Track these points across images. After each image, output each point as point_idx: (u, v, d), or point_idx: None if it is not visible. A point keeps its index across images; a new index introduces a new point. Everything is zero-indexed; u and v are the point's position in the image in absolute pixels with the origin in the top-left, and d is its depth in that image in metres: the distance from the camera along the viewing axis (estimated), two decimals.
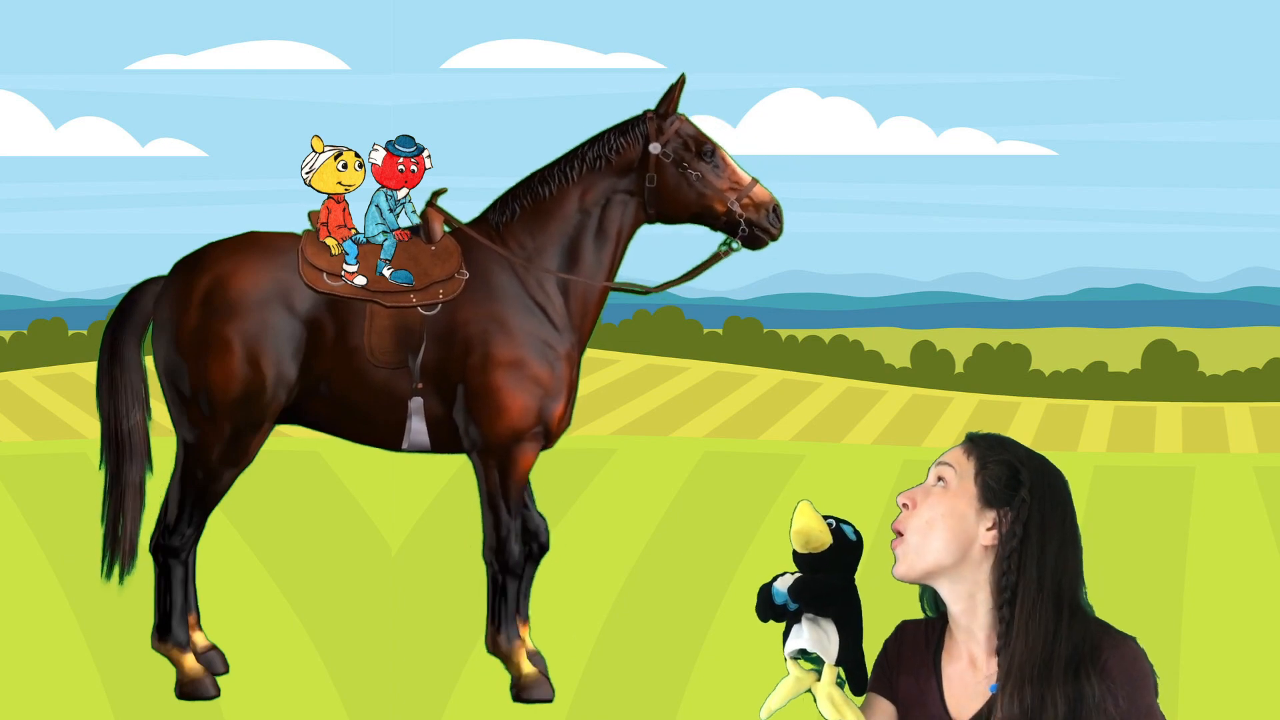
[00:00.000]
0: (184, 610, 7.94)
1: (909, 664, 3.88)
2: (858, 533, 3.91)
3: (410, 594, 9.50)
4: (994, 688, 3.76)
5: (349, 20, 16.90)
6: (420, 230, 8.01)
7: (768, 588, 3.91)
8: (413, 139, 8.01)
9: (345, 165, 7.97)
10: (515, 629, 7.92)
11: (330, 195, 7.98)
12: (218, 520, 8.16)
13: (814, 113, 18.02)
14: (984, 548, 3.79)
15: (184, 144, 17.34)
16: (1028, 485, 3.77)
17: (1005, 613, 3.75)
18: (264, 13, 17.11)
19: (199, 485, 7.88)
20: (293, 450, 11.75)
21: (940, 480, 3.81)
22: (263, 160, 16.60)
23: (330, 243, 7.93)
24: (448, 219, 8.03)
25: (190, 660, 7.92)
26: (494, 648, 7.95)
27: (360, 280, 7.90)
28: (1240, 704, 8.04)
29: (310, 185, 7.98)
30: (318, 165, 7.96)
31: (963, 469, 3.81)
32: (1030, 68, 17.61)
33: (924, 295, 18.62)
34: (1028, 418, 17.92)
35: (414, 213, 8.03)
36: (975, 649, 3.82)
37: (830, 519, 3.91)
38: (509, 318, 7.92)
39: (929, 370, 19.13)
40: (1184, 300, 18.62)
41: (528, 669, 7.89)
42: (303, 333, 7.86)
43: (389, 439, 7.98)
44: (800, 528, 3.87)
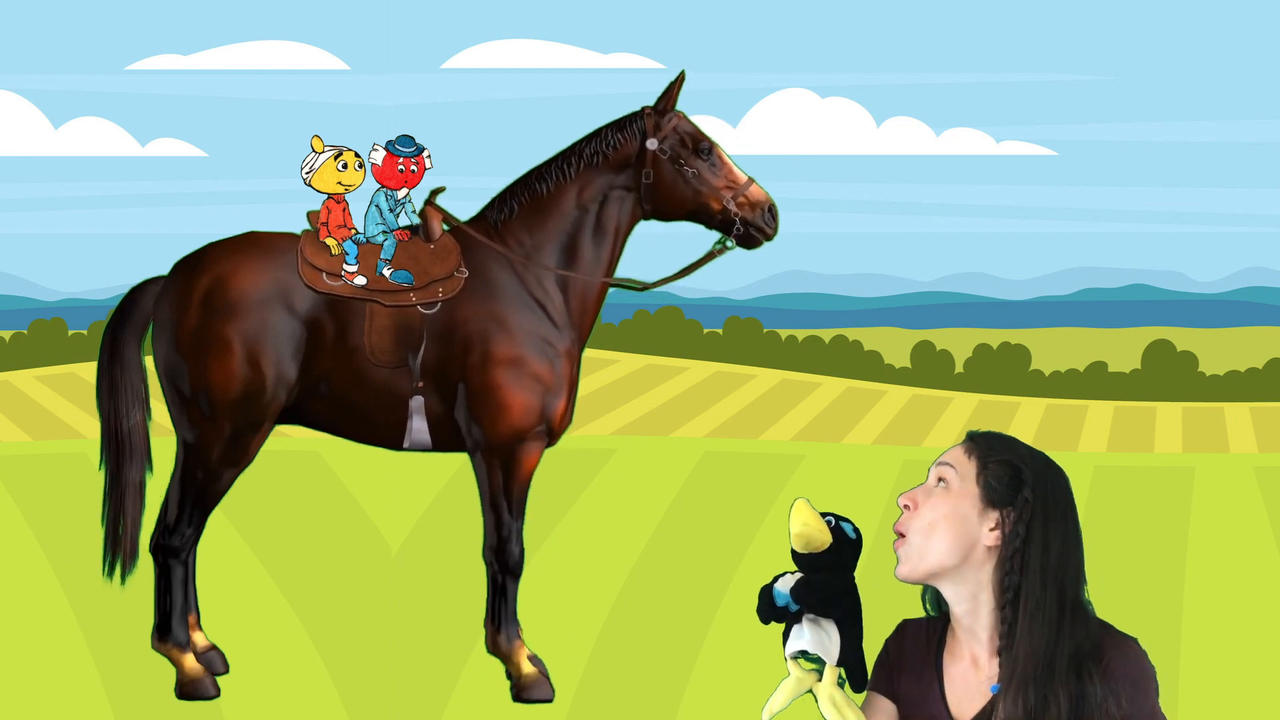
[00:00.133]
0: (184, 610, 7.94)
1: (910, 663, 3.87)
2: (857, 530, 3.90)
3: (410, 594, 9.49)
4: (995, 688, 3.76)
5: (349, 20, 16.90)
6: (419, 229, 8.01)
7: (769, 589, 3.89)
8: (413, 139, 8.00)
9: (345, 165, 7.96)
10: (515, 629, 7.91)
11: (330, 195, 7.97)
12: (218, 520, 8.15)
13: (814, 113, 18.01)
14: (987, 548, 3.77)
15: (184, 144, 17.35)
16: (1030, 485, 3.76)
17: (1008, 613, 3.74)
18: (264, 13, 17.11)
19: (199, 485, 7.88)
20: (293, 450, 11.75)
21: (941, 481, 3.80)
22: (263, 160, 16.60)
23: (330, 243, 7.93)
24: (446, 218, 8.03)
25: (190, 660, 7.92)
26: (494, 648, 7.95)
27: (360, 280, 7.89)
28: (1240, 704, 8.04)
29: (310, 185, 7.98)
30: (318, 165, 7.95)
31: (964, 469, 3.79)
32: (1030, 68, 17.61)
33: (924, 295, 18.61)
34: (1028, 418, 17.91)
35: (414, 213, 8.03)
36: (978, 649, 3.81)
37: (829, 516, 3.89)
38: (508, 316, 7.92)
39: (929, 370, 19.12)
40: (1184, 300, 18.61)
41: (528, 669, 7.89)
42: (303, 333, 7.86)
43: (390, 438, 7.97)
44: (799, 530, 3.86)
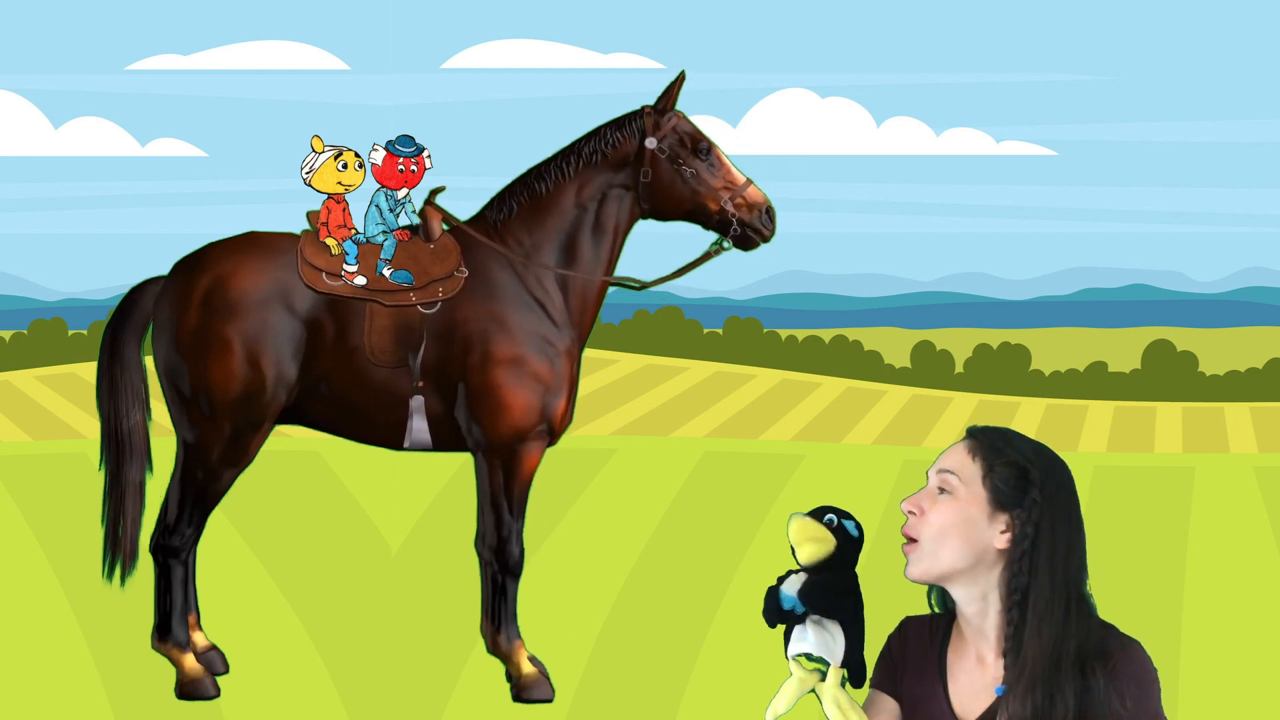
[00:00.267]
0: (184, 610, 7.94)
1: (913, 661, 3.86)
2: (859, 527, 3.89)
3: (410, 594, 9.49)
4: (1000, 690, 3.74)
5: (349, 20, 16.90)
6: (419, 229, 8.01)
7: (775, 592, 3.87)
8: (413, 139, 8.00)
9: (345, 165, 7.96)
10: (515, 629, 7.92)
11: (330, 195, 7.97)
12: (218, 520, 8.15)
13: (814, 113, 18.01)
14: (998, 550, 3.76)
15: (184, 144, 17.35)
16: (1038, 485, 3.74)
17: (1014, 615, 3.72)
18: (264, 13, 17.11)
19: (199, 485, 7.88)
20: (293, 450, 11.75)
21: (944, 489, 3.77)
22: (263, 160, 16.60)
23: (330, 243, 7.93)
24: (446, 217, 8.03)
25: (190, 660, 7.92)
26: (494, 648, 7.95)
27: (360, 280, 7.89)
28: (1240, 704, 8.04)
29: (310, 185, 7.98)
30: (318, 165, 7.95)
31: (969, 474, 3.77)
32: (1030, 68, 17.61)
33: (924, 295, 18.61)
34: (1028, 418, 17.91)
35: (414, 213, 8.03)
36: (984, 648, 3.80)
37: (829, 516, 3.87)
38: (508, 315, 7.92)
39: (929, 370, 19.12)
40: (1184, 300, 18.61)
41: (528, 669, 7.89)
42: (303, 333, 7.86)
43: (390, 438, 7.97)
44: (803, 545, 3.84)
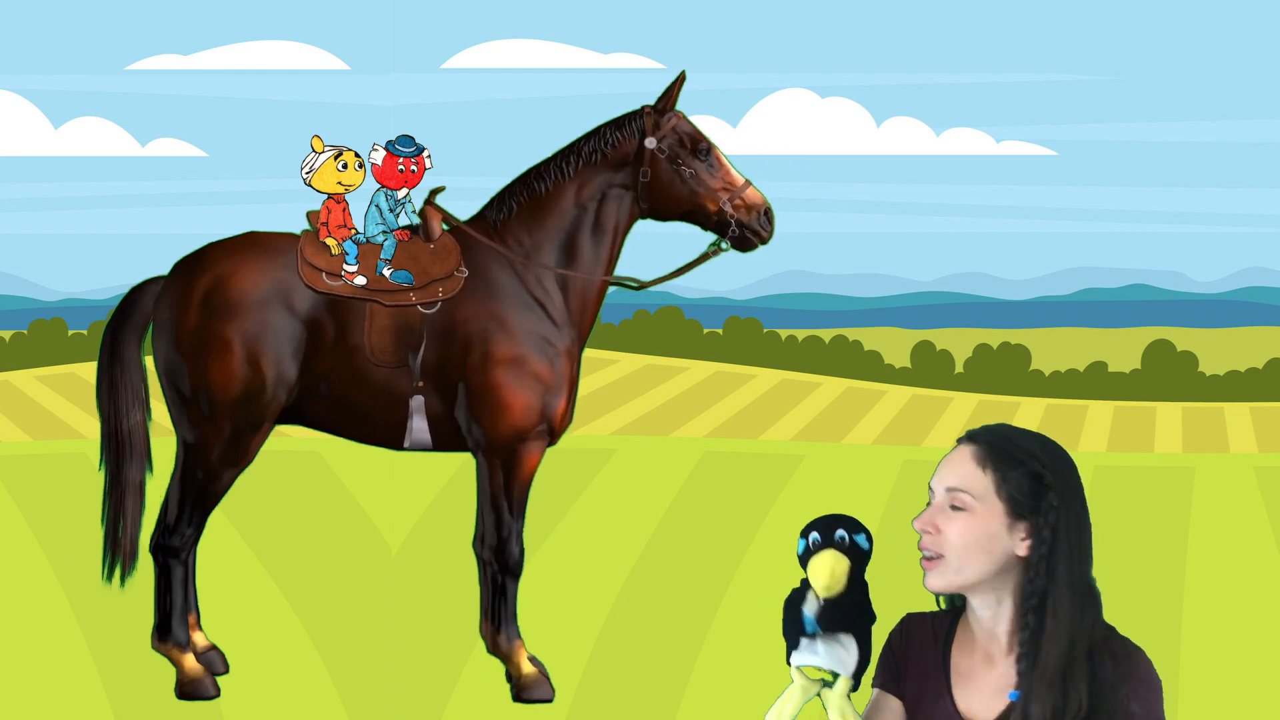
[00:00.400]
0: (184, 610, 7.94)
1: (916, 659, 3.85)
2: (869, 538, 3.89)
3: (410, 594, 9.49)
4: (1014, 695, 3.73)
5: (349, 20, 16.90)
6: (419, 229, 8.01)
7: (798, 613, 3.87)
8: (413, 139, 8.00)
9: (345, 165, 7.96)
10: (515, 629, 7.92)
11: (330, 195, 7.97)
12: (218, 520, 8.15)
13: (814, 113, 18.02)
14: (1018, 557, 3.76)
15: (184, 144, 17.35)
16: (1054, 489, 3.72)
17: (1030, 619, 3.70)
18: (264, 13, 17.11)
19: (199, 485, 7.88)
20: (293, 450, 11.75)
21: (957, 506, 3.74)
22: (263, 160, 16.60)
23: (330, 243, 7.93)
24: (446, 217, 8.03)
25: (190, 660, 7.92)
26: (494, 648, 7.95)
27: (360, 280, 7.89)
28: (1240, 704, 8.04)
29: (310, 185, 7.98)
30: (318, 165, 7.95)
31: (981, 488, 3.73)
32: (1030, 68, 17.61)
33: (924, 295, 18.61)
34: (1028, 418, 17.91)
35: (414, 213, 8.03)
36: (994, 648, 3.79)
37: (840, 532, 3.87)
38: (508, 315, 7.92)
39: (929, 370, 19.13)
40: (1184, 300, 18.61)
41: (528, 669, 7.89)
42: (303, 333, 7.86)
43: (390, 438, 7.97)
44: (823, 584, 3.84)
